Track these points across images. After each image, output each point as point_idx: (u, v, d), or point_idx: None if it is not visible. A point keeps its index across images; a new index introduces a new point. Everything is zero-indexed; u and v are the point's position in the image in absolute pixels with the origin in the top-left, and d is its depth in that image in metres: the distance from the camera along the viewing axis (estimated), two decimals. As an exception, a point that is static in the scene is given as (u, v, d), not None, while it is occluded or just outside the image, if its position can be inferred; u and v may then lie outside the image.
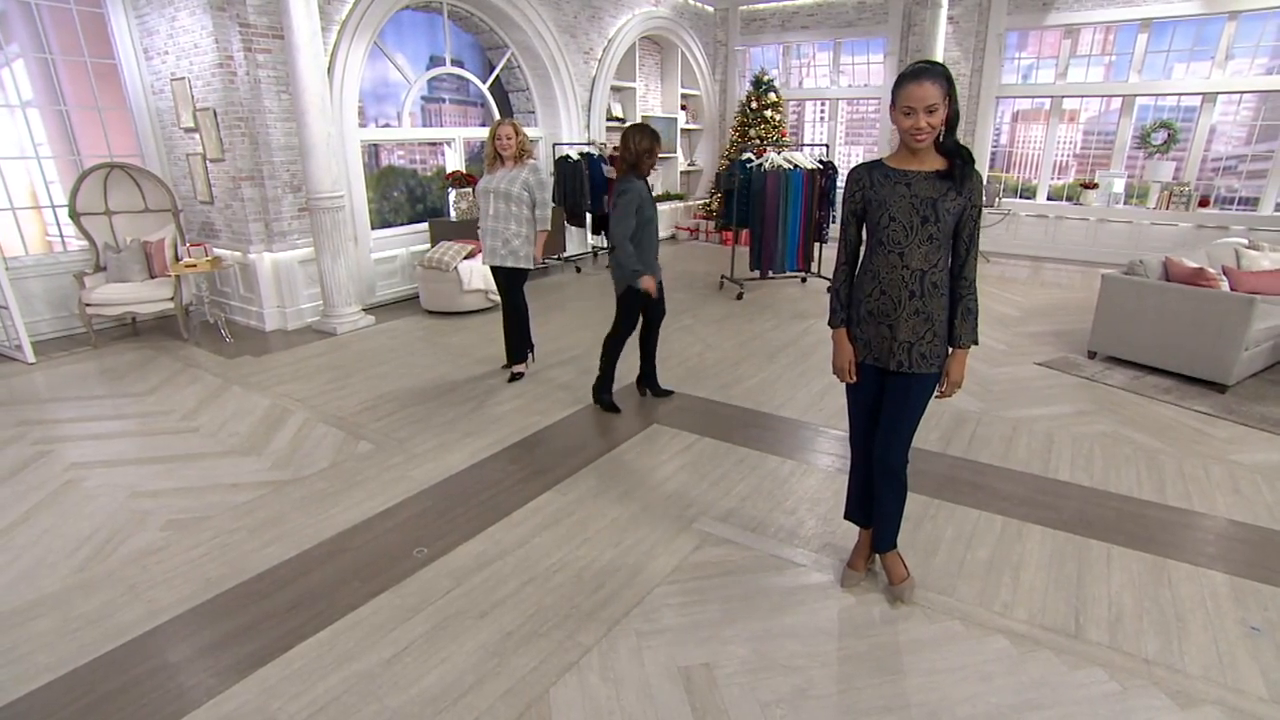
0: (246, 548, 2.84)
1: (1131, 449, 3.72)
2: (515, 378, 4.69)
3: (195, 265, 5.40)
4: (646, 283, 3.82)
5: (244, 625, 2.39)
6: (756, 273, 7.07)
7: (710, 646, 2.29)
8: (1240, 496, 3.25)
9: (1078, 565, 2.74)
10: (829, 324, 2.39)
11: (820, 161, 6.92)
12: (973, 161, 2.09)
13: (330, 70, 5.87)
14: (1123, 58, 8.52)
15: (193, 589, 2.58)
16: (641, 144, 3.72)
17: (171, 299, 5.54)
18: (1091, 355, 5.11)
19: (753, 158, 7.01)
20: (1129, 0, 8.14)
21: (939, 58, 8.83)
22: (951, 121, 2.05)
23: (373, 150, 7.39)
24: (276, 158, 5.63)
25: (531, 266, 4.43)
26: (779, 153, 6.98)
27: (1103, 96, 8.81)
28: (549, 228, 4.50)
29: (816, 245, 7.23)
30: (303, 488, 3.32)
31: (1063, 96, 8.91)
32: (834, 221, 7.19)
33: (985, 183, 8.94)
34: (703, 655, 2.25)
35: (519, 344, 4.66)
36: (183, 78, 5.59)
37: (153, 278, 5.71)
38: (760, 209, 6.74)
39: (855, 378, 2.34)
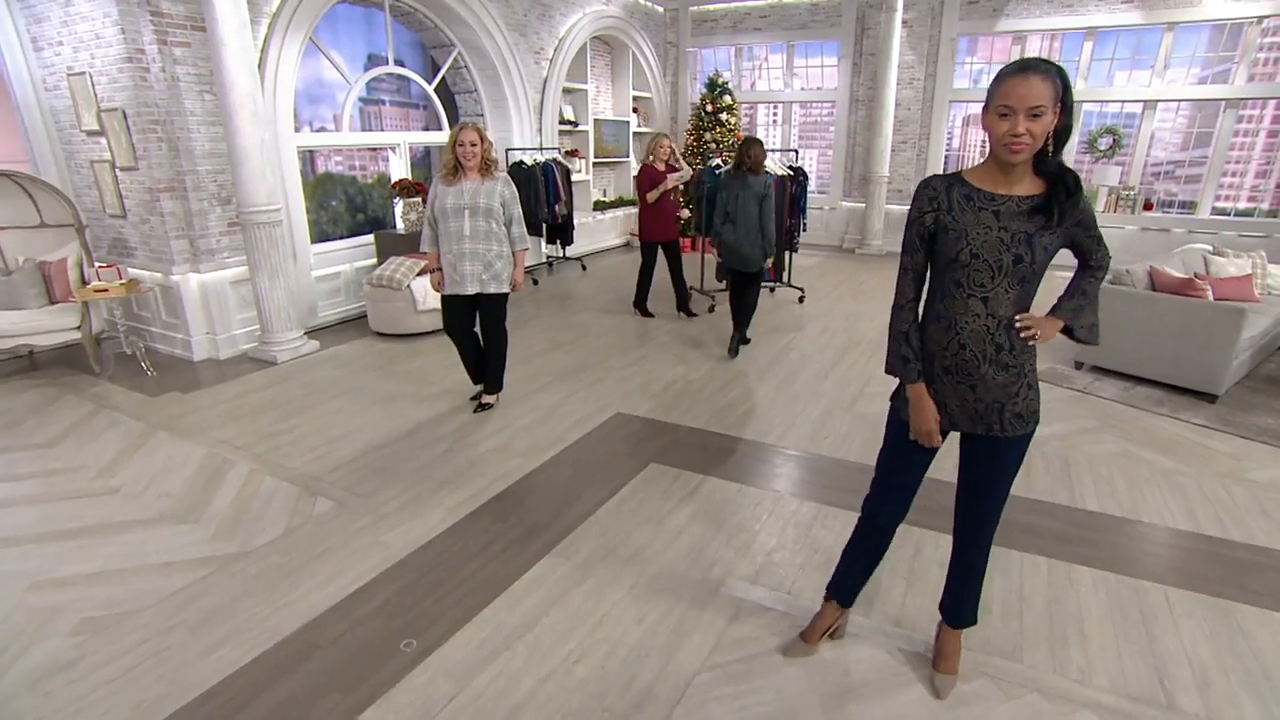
0: (189, 653, 2.30)
1: (1148, 470, 3.58)
2: (483, 408, 4.22)
3: (106, 290, 4.69)
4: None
5: (193, 770, 1.89)
6: (724, 282, 6.77)
7: (777, 756, 1.94)
8: (1272, 520, 3.13)
9: (1140, 613, 2.52)
10: (896, 374, 1.95)
11: (790, 168, 6.68)
12: (1081, 189, 1.75)
13: (261, 68, 5.22)
14: (1069, 65, 8.65)
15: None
16: (761, 153, 5.03)
17: (78, 328, 4.80)
18: (1078, 366, 5.03)
19: (721, 164, 6.71)
20: (1074, 9, 8.26)
21: (893, 61, 8.79)
22: (1060, 136, 1.67)
23: (307, 157, 6.72)
24: (201, 166, 4.96)
25: (511, 290, 3.98)
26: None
27: (1051, 102, 8.92)
28: (529, 246, 4.05)
29: (787, 254, 6.99)
30: (254, 563, 2.78)
31: (1013, 102, 8.99)
32: (804, 230, 6.97)
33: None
34: (771, 770, 1.90)
35: (496, 371, 4.19)
36: (82, 73, 4.85)
37: (53, 303, 4.94)
38: (731, 217, 6.43)
39: (941, 440, 1.97)
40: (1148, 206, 8.37)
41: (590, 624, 2.44)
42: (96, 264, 4.95)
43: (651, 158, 5.96)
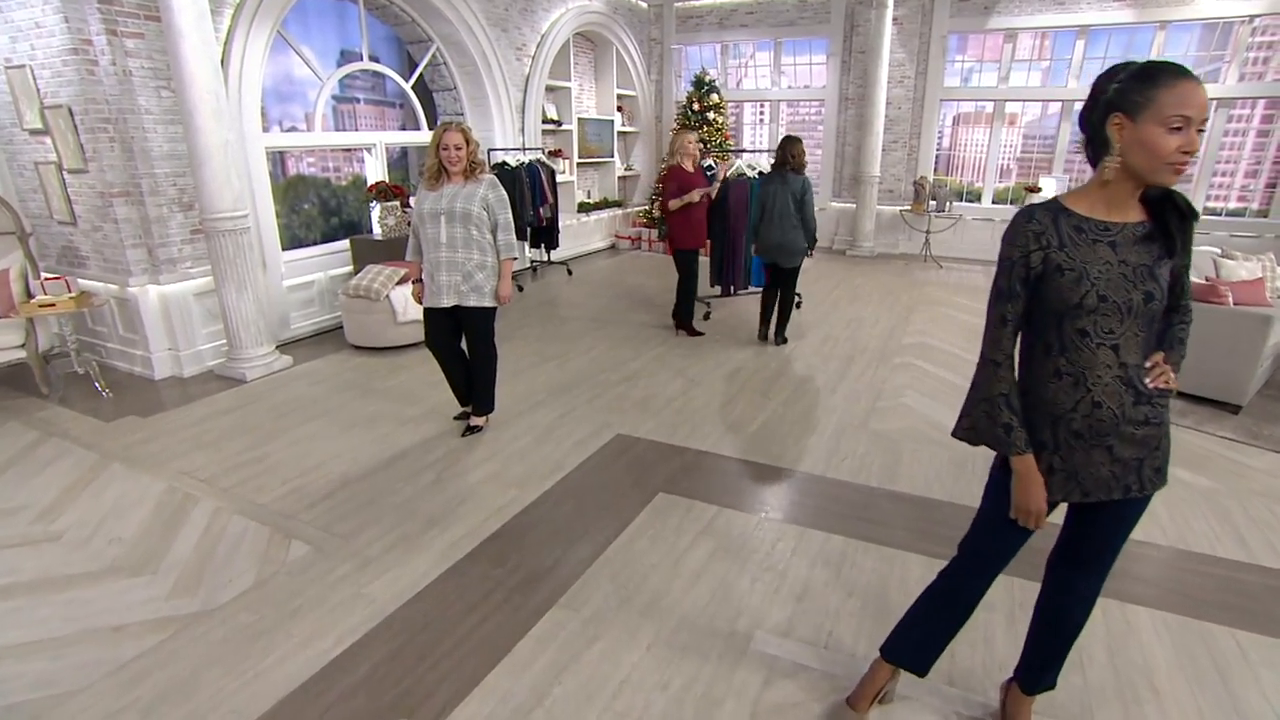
0: (140, 744, 1.96)
1: (1185, 491, 3.37)
2: (472, 431, 3.90)
3: (53, 305, 4.27)
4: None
5: None
6: (717, 288, 6.50)
7: None
8: (1326, 548, 2.93)
9: (1212, 662, 2.28)
10: (986, 444, 1.64)
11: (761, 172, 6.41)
12: (1195, 212, 1.49)
13: (225, 62, 4.83)
14: (1060, 63, 8.53)
15: (55, 839, 1.70)
16: (803, 151, 5.21)
17: (23, 345, 4.38)
18: (1092, 375, 4.83)
19: (714, 165, 6.44)
20: (1066, 7, 8.13)
21: (884, 59, 8.59)
22: None
23: (277, 158, 6.31)
24: (159, 169, 4.55)
25: (498, 304, 3.65)
26: (740, 157, 6.44)
27: (1044, 101, 8.80)
28: (516, 255, 3.73)
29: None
30: (220, 623, 2.44)
31: (1005, 100, 8.85)
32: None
33: (942, 187, 8.78)
34: None
35: (484, 392, 3.87)
36: (22, 65, 4.42)
37: (-4, 320, 4.51)
38: (725, 221, 6.16)
39: (1043, 524, 1.65)
40: (1141, 207, 8.25)
41: (608, 692, 2.14)
42: (43, 275, 4.53)
43: (678, 157, 5.41)
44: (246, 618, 2.47)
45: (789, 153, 5.16)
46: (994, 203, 9.26)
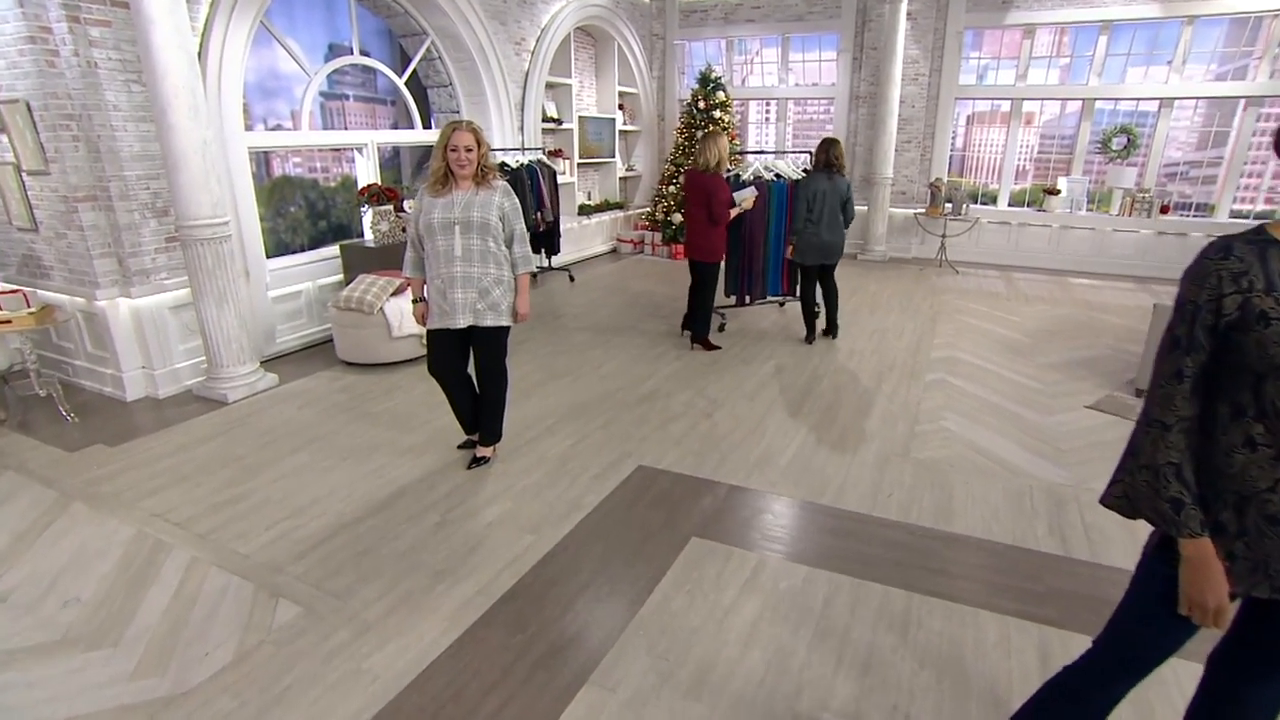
0: None
1: (1271, 530, 3.06)
2: (478, 463, 3.55)
3: (9, 321, 3.88)
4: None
5: None
6: (732, 297, 6.18)
7: None
8: None
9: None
10: (1151, 520, 1.34)
11: (805, 170, 6.11)
12: None
13: (203, 55, 4.45)
14: (1081, 60, 8.26)
15: None
16: (843, 151, 5.27)
17: (-21, 367, 3.99)
18: (1140, 394, 4.54)
19: (729, 166, 6.10)
20: (1090, 1, 7.85)
21: (898, 56, 8.29)
22: None
23: (261, 158, 5.92)
24: (130, 171, 4.16)
25: (514, 323, 3.30)
26: (755, 160, 6.12)
27: (1063, 99, 8.52)
28: (534, 268, 3.38)
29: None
30: (192, 712, 2.08)
31: (1023, 99, 8.57)
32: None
33: (958, 189, 8.49)
34: None
35: (493, 420, 3.52)
36: (-23, 58, 4.03)
37: (-51, 337, 4.11)
38: (741, 226, 5.84)
39: (1225, 624, 1.32)
40: (1164, 210, 8.00)
41: (660, 805, 1.80)
42: (1, 287, 4.13)
43: (717, 162, 4.90)
44: (226, 704, 2.11)
45: (833, 154, 5.18)
46: (1010, 205, 8.98)
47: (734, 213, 5.08)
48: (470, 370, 3.45)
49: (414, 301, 3.33)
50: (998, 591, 2.65)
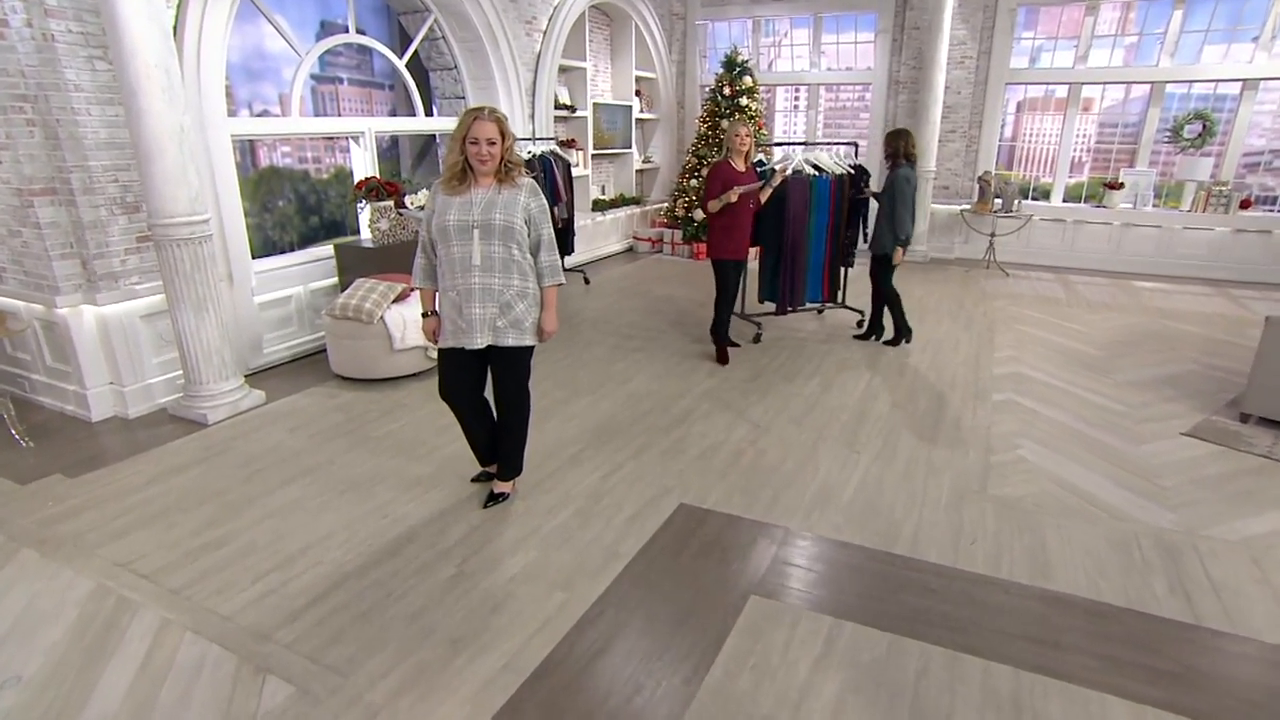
0: None
1: None
2: (496, 500, 3.25)
3: (-39, 334, 3.61)
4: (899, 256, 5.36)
5: None
6: (770, 304, 5.87)
7: None
8: None
9: None
10: None
11: (850, 166, 5.80)
12: None
13: (179, 31, 4.16)
14: (1150, 39, 7.92)
15: None
16: (913, 143, 5.27)
17: (-74, 383, 3.70)
18: (1245, 419, 4.22)
19: (763, 160, 5.81)
20: (1158, -24, 7.54)
21: (945, 36, 7.99)
22: None
23: (246, 147, 5.64)
24: (94, 160, 3.88)
25: (539, 342, 3.00)
26: (797, 151, 5.81)
27: (1127, 83, 8.19)
28: (563, 280, 3.07)
29: (841, 270, 6.11)
30: (159, 832, 1.78)
31: (1082, 83, 8.24)
32: (865, 241, 6.05)
33: (1008, 184, 8.16)
34: None
35: (513, 453, 3.22)
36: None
37: (-107, 350, 3.83)
38: (780, 226, 5.54)
39: None
40: (1245, 204, 7.65)
41: None
42: (-48, 295, 3.86)
43: (728, 151, 4.90)
44: (200, 820, 1.81)
45: (908, 144, 5.21)
46: (1065, 201, 8.65)
47: (713, 205, 4.75)
48: (488, 394, 3.16)
49: (424, 315, 3.02)
50: (1120, 668, 2.34)
